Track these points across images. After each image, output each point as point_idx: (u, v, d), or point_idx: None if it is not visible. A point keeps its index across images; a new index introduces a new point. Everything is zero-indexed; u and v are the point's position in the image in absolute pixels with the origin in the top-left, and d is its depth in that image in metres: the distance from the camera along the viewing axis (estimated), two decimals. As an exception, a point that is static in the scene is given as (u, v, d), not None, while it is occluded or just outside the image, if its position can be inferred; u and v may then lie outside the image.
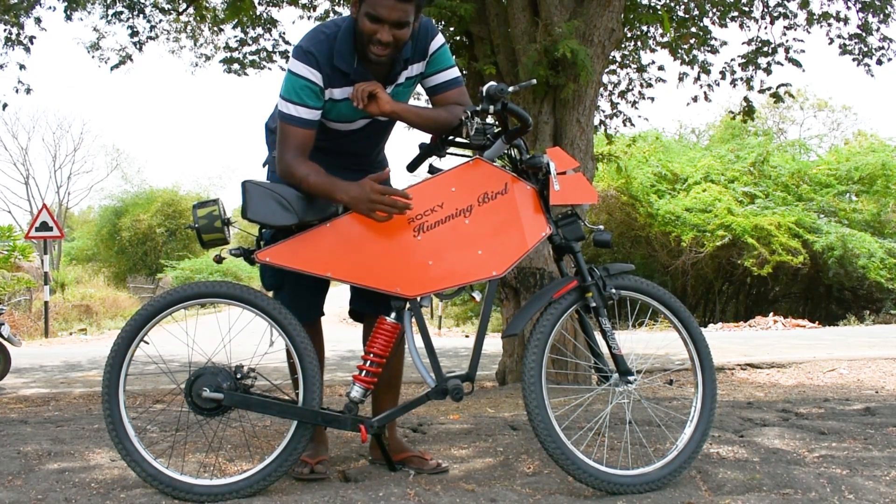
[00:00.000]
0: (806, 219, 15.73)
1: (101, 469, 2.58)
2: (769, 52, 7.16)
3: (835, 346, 8.54)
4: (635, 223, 16.49)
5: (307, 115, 2.32)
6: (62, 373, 7.26)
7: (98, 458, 2.76)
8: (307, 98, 2.31)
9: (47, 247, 14.37)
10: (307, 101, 2.31)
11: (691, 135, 28.35)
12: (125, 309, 18.73)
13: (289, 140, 2.32)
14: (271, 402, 2.30)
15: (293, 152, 2.31)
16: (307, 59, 2.30)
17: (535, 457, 2.72)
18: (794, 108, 31.09)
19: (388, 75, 2.40)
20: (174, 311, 2.28)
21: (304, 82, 2.31)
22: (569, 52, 4.56)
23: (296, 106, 2.31)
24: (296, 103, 2.31)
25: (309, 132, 2.33)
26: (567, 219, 2.40)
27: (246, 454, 2.80)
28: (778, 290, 18.20)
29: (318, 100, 2.34)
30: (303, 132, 2.32)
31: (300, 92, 2.31)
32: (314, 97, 2.32)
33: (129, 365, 2.26)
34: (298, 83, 2.31)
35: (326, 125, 2.44)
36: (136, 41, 7.42)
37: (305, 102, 2.31)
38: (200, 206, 2.34)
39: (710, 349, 2.45)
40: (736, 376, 6.29)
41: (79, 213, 41.72)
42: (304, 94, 2.31)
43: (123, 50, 7.60)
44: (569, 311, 2.36)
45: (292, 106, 2.31)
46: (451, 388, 2.31)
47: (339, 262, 2.29)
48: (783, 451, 2.78)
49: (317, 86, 2.32)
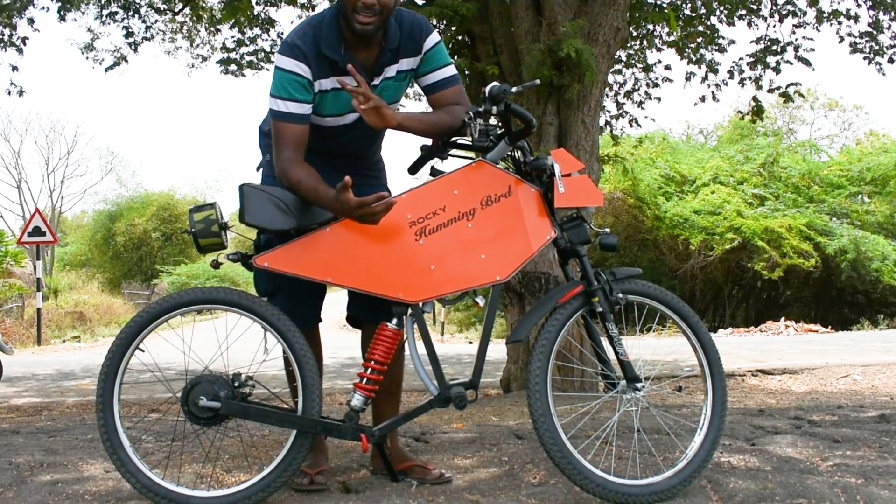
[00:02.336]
0: (817, 221, 15.71)
1: (95, 480, 2.58)
2: (778, 51, 7.16)
3: (848, 352, 8.51)
4: (642, 226, 16.48)
5: (298, 109, 2.33)
6: (55, 381, 7.26)
7: (92, 470, 2.75)
8: (296, 92, 2.32)
9: (40, 252, 14.40)
10: (296, 95, 2.32)
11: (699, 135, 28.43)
12: (120, 316, 18.75)
13: (283, 138, 2.33)
14: (270, 410, 2.30)
15: (288, 152, 2.31)
16: (293, 52, 2.32)
17: (540, 466, 2.71)
18: (804, 108, 31.12)
19: (375, 64, 2.40)
20: (170, 317, 2.28)
21: (292, 76, 2.32)
22: (573, 52, 4.56)
23: (285, 101, 2.32)
24: (285, 99, 2.32)
25: (302, 128, 2.34)
26: (572, 222, 2.39)
27: (244, 464, 2.80)
28: (789, 294, 18.17)
29: (308, 93, 2.35)
30: (295, 128, 2.33)
31: (288, 87, 2.32)
32: (303, 90, 2.33)
33: (124, 373, 2.26)
34: (286, 78, 2.32)
35: (318, 123, 2.44)
36: (131, 42, 7.43)
37: (295, 97, 2.32)
38: (197, 210, 2.35)
39: (719, 355, 2.45)
40: (747, 383, 6.27)
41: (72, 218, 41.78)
42: (292, 89, 2.32)
43: (118, 51, 7.62)
44: (574, 316, 2.36)
45: (282, 102, 2.33)
46: (454, 396, 2.31)
47: (339, 266, 2.29)
48: (796, 460, 2.77)
49: (305, 78, 2.33)
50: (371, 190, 2.61)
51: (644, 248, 17.14)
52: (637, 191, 16.25)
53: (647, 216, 16.27)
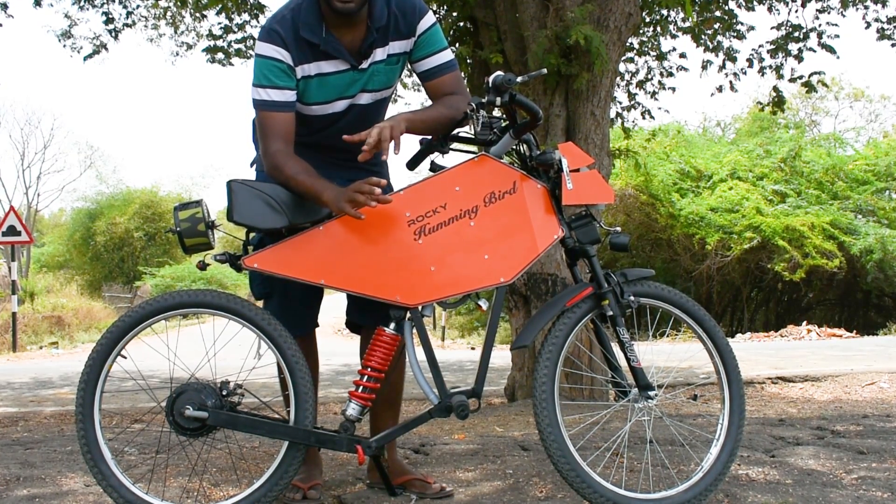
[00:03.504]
0: (842, 219, 15.70)
1: (74, 495, 2.59)
2: (800, 38, 7.16)
3: (874, 358, 8.52)
4: (655, 224, 16.48)
5: (280, 96, 2.34)
6: (32, 390, 7.26)
7: (71, 484, 2.76)
8: (276, 78, 2.34)
9: (15, 253, 14.41)
10: (277, 81, 2.34)
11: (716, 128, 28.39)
12: (100, 320, 18.74)
13: (268, 129, 2.34)
14: (260, 421, 2.30)
15: (277, 143, 2.32)
16: (271, 37, 2.34)
17: (547, 480, 2.72)
18: (827, 99, 31.13)
19: (361, 45, 2.40)
20: (154, 322, 2.29)
21: (271, 62, 2.33)
22: (582, 39, 4.56)
23: (266, 89, 2.34)
24: (266, 86, 2.34)
25: (286, 116, 2.35)
26: (581, 220, 2.40)
27: (232, 478, 2.80)
28: (811, 296, 18.16)
29: (290, 78, 2.36)
30: (280, 117, 2.34)
31: (268, 73, 2.34)
32: (284, 76, 2.34)
33: (105, 381, 2.26)
34: (265, 64, 2.34)
35: (305, 113, 2.45)
36: (112, 29, 7.43)
37: (275, 84, 2.34)
38: (182, 208, 2.35)
39: (737, 361, 2.45)
40: (766, 391, 6.28)
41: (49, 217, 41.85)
42: (272, 75, 2.33)
43: (98, 38, 7.62)
44: (583, 320, 2.36)
45: (263, 90, 2.34)
46: (455, 405, 2.31)
47: (334, 268, 2.29)
48: (818, 473, 2.78)
49: (284, 63, 2.34)
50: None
51: (657, 248, 17.14)
52: (650, 187, 16.24)
53: (660, 214, 16.27)
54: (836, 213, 15.75)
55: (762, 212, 15.47)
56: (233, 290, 21.28)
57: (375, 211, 2.28)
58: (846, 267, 15.32)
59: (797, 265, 14.85)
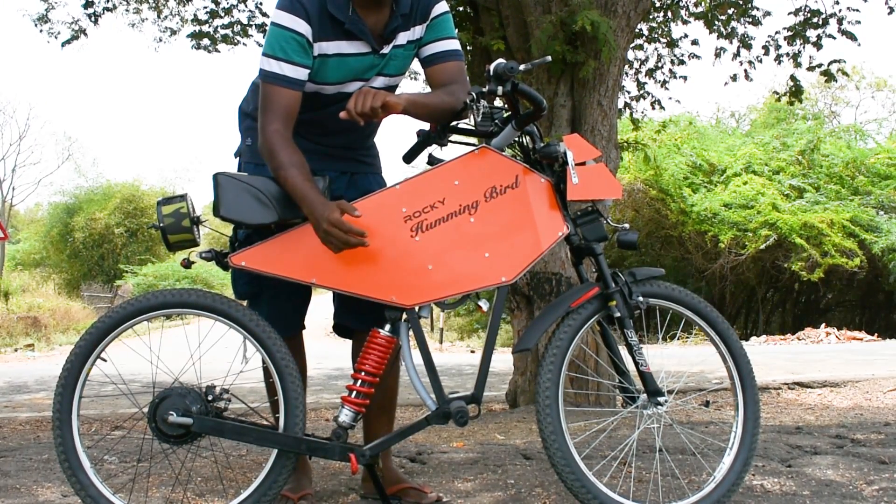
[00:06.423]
0: (863, 215, 15.73)
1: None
2: (820, 24, 7.15)
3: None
4: (666, 221, 16.50)
5: (293, 73, 2.32)
6: (6, 395, 7.26)
7: (48, 494, 2.76)
8: (293, 53, 2.31)
9: (-11, 250, 14.40)
10: (293, 56, 2.31)
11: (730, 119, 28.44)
12: (79, 321, 18.76)
13: (271, 105, 2.31)
14: (248, 427, 2.30)
15: (276, 121, 2.30)
16: (293, 6, 2.30)
17: (550, 490, 2.72)
18: (848, 89, 31.15)
19: (384, 30, 2.40)
20: (136, 323, 2.29)
21: (290, 34, 2.30)
22: (589, 25, 4.56)
23: (279, 62, 2.31)
24: (280, 59, 2.30)
25: (294, 94, 2.33)
26: (587, 216, 2.40)
27: (218, 488, 2.81)
28: (830, 297, 18.21)
29: (306, 56, 2.33)
30: (288, 94, 2.32)
31: (285, 46, 2.30)
32: (301, 52, 2.32)
33: (84, 386, 2.26)
34: (283, 35, 2.30)
35: (318, 91, 2.43)
36: (91, 13, 7.42)
37: (291, 58, 2.31)
38: (166, 203, 2.35)
39: (751, 366, 2.46)
40: (782, 397, 6.29)
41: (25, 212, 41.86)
42: (289, 49, 2.30)
43: (76, 23, 7.61)
44: (589, 322, 2.36)
45: (275, 62, 2.31)
46: (454, 412, 2.32)
47: (325, 266, 2.29)
48: (837, 484, 2.78)
49: (304, 38, 2.31)
50: (364, 178, 2.62)
51: (667, 246, 17.17)
52: (660, 181, 16.26)
53: (671, 210, 16.29)
54: (856, 210, 15.77)
55: (778, 208, 15.49)
56: (219, 289, 21.26)
57: (370, 206, 2.28)
58: (867, 266, 15.35)
59: (815, 264, 14.87)
